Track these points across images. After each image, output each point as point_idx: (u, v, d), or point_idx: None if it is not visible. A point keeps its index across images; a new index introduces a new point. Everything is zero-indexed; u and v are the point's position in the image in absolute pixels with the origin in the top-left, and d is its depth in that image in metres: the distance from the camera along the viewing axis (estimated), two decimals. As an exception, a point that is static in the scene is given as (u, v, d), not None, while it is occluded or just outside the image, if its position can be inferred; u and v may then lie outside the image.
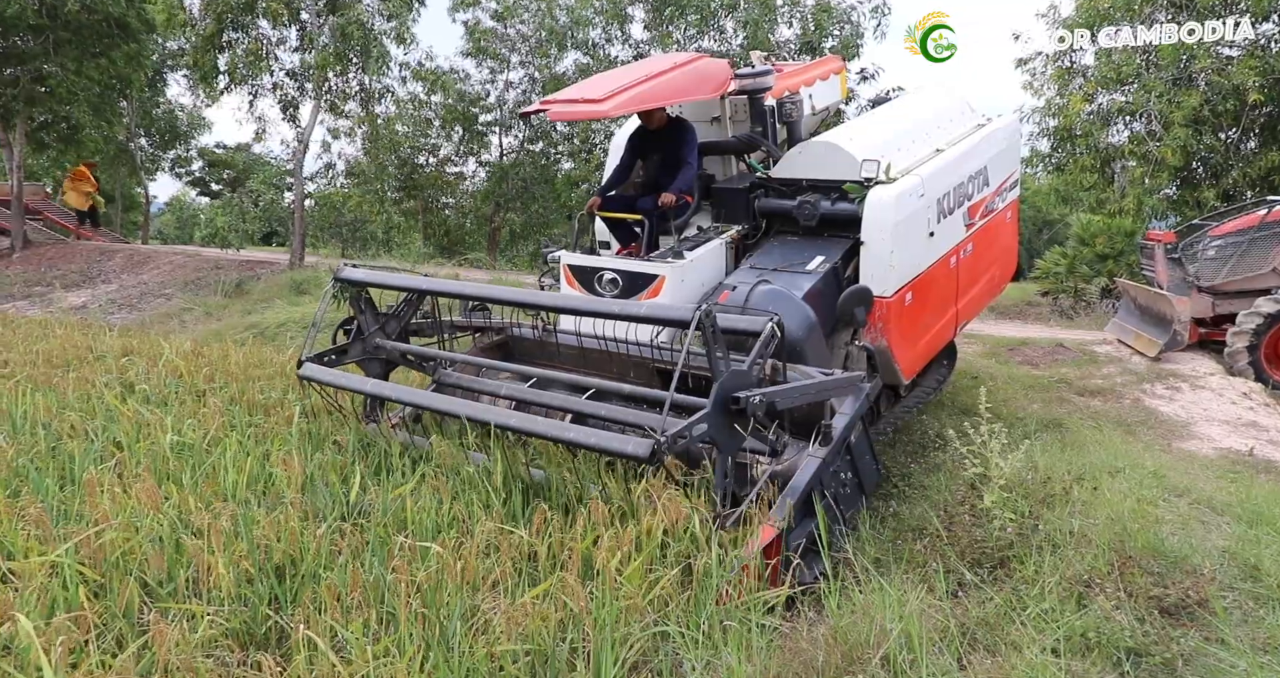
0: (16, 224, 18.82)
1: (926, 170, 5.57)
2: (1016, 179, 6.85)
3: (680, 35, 17.79)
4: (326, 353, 5.06)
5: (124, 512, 3.18)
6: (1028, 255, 33.07)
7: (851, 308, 4.93)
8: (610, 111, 4.88)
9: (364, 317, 5.10)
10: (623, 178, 6.08)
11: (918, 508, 4.97)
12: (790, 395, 3.97)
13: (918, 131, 6.05)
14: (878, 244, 5.22)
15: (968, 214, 6.01)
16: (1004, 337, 11.01)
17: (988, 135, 6.39)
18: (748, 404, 3.68)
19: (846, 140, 5.66)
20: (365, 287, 5.07)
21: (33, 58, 16.86)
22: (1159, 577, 3.84)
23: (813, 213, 5.52)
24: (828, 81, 6.92)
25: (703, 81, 5.58)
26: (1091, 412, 7.80)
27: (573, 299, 4.88)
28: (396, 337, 5.16)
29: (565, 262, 5.53)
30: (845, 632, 3.08)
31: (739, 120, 6.22)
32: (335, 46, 14.44)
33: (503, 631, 2.68)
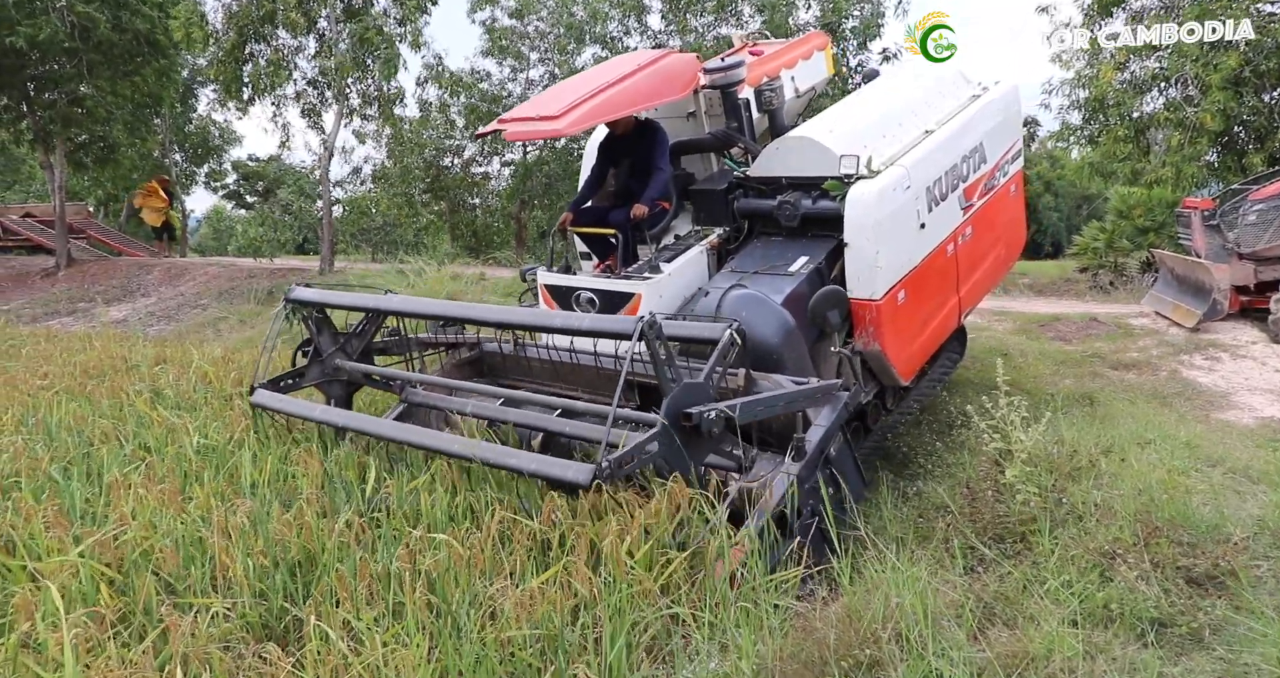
0: (61, 243, 19.37)
1: (912, 159, 5.25)
2: (1018, 150, 6.46)
3: (697, 23, 17.71)
4: (282, 378, 4.88)
5: (145, 512, 3.27)
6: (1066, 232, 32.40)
7: (823, 312, 4.70)
8: (566, 130, 4.65)
9: (321, 338, 4.92)
10: (595, 188, 5.85)
11: (942, 485, 4.92)
12: (752, 409, 3.72)
13: (905, 113, 5.70)
14: (862, 245, 4.93)
15: (964, 196, 5.66)
16: (1036, 313, 10.80)
17: (981, 109, 5.99)
18: (702, 420, 3.47)
19: (825, 133, 5.34)
20: (318, 307, 4.90)
21: (68, 80, 17.32)
22: (1188, 547, 3.75)
23: (793, 213, 5.25)
24: (810, 60, 6.56)
25: (668, 82, 5.29)
26: (1125, 385, 7.63)
27: (517, 313, 4.62)
28: (358, 356, 4.99)
29: (542, 281, 5.35)
30: (858, 610, 3.06)
31: (715, 115, 5.90)
32: (354, 52, 14.61)
33: (512, 617, 2.71)
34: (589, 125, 4.95)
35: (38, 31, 15.29)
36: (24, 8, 15.50)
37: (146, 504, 3.31)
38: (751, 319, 4.45)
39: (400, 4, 15.21)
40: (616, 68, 5.32)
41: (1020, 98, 6.38)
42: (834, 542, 3.67)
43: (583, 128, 4.87)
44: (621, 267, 5.29)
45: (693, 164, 6.05)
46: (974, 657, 2.89)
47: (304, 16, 14.54)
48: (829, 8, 16.08)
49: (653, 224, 5.48)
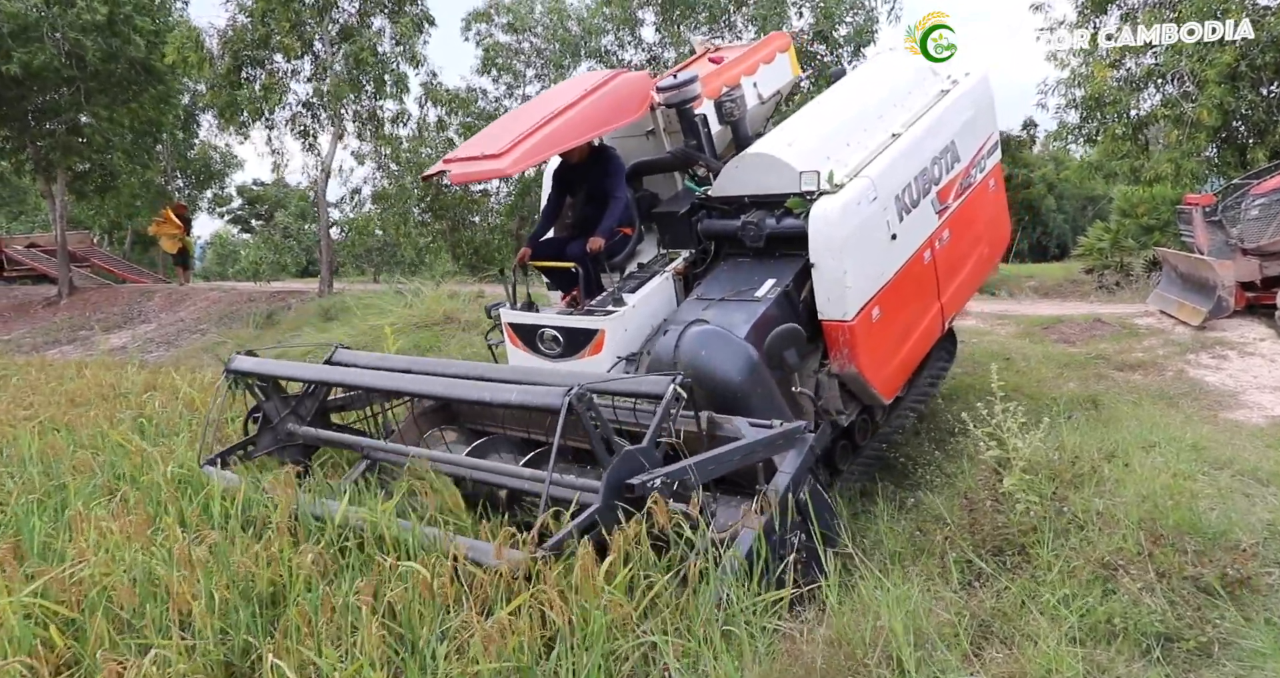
0: (62, 272, 19.44)
1: (877, 168, 4.97)
2: (995, 142, 6.07)
3: (691, 35, 17.70)
4: (231, 450, 4.65)
5: (108, 546, 3.17)
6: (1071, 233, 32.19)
7: (780, 352, 4.43)
8: (511, 169, 4.44)
9: (269, 404, 4.75)
10: (553, 219, 5.66)
11: (941, 496, 4.78)
12: (704, 469, 3.48)
13: (869, 116, 5.41)
14: (829, 264, 4.68)
15: (938, 199, 5.37)
16: (1039, 315, 10.64)
17: (950, 105, 5.67)
18: (645, 491, 3.24)
19: (784, 147, 5.08)
20: (257, 378, 4.72)
21: (66, 109, 17.42)
22: (1195, 555, 3.61)
23: (758, 234, 4.99)
24: (773, 63, 6.24)
25: (618, 107, 5.04)
26: (1131, 387, 7.47)
27: (448, 384, 4.26)
28: (312, 417, 4.79)
29: (505, 320, 5.14)
30: (846, 632, 2.93)
31: (674, 131, 5.62)
32: (349, 73, 14.63)
33: (480, 650, 2.59)
34: (534, 162, 4.73)
35: (32, 58, 15.37)
36: (19, 37, 15.60)
37: (109, 538, 3.21)
38: (713, 358, 4.22)
39: (396, 23, 15.25)
40: (564, 95, 5.09)
41: (991, 87, 6.04)
42: (822, 562, 3.51)
43: (528, 166, 4.67)
44: (585, 299, 5.06)
45: (656, 184, 5.79)
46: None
47: (299, 40, 14.58)
48: (821, 15, 16.04)
49: (615, 252, 5.26)
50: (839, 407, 4.89)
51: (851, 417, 5.04)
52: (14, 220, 33.50)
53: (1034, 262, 35.86)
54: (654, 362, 4.25)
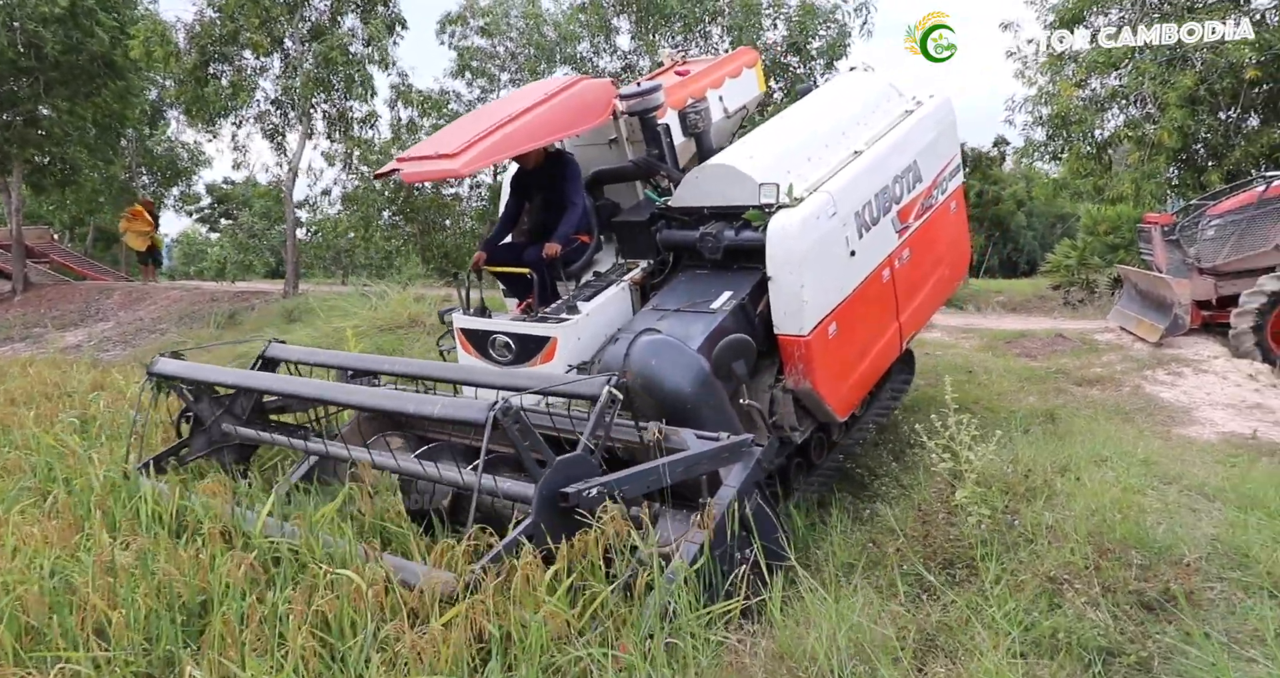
0: (17, 267, 18.98)
1: (837, 183, 4.94)
2: (957, 164, 6.12)
3: (667, 43, 17.73)
4: (163, 456, 4.47)
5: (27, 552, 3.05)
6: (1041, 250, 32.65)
7: (728, 364, 4.33)
8: (463, 170, 4.36)
9: (200, 405, 4.58)
10: (510, 225, 5.55)
11: (897, 508, 4.77)
12: (643, 480, 3.37)
13: (832, 133, 5.38)
14: (786, 278, 4.62)
15: (898, 219, 5.36)
16: (1003, 329, 10.76)
17: (914, 126, 5.69)
18: (581, 500, 3.12)
19: (745, 159, 5.04)
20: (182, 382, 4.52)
21: (25, 101, 17.03)
22: (1141, 569, 3.62)
23: (716, 245, 4.92)
24: (739, 78, 6.20)
25: (577, 113, 4.99)
26: (1089, 401, 7.55)
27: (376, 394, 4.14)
28: (249, 416, 4.61)
29: (457, 325, 5.03)
30: (790, 645, 2.89)
31: (637, 141, 5.55)
32: (318, 72, 14.45)
33: (412, 661, 2.51)
34: (488, 163, 4.70)
35: (-13, 48, 15.04)
36: (-28, 27, 15.25)
37: (29, 544, 3.09)
38: (663, 368, 4.12)
39: (367, 24, 15.10)
40: (524, 98, 5.05)
41: (954, 109, 6.10)
42: (764, 576, 3.43)
43: (481, 166, 4.60)
44: (540, 306, 4.96)
45: (618, 193, 5.72)
46: (908, 695, 2.72)
47: (268, 37, 14.39)
48: (795, 28, 16.13)
49: (572, 260, 5.19)
50: (793, 423, 4.82)
51: (805, 433, 4.96)
52: (-28, 215, 32.70)
53: (1004, 277, 36.43)
54: (603, 370, 4.15)
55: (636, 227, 5.32)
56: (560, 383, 3.74)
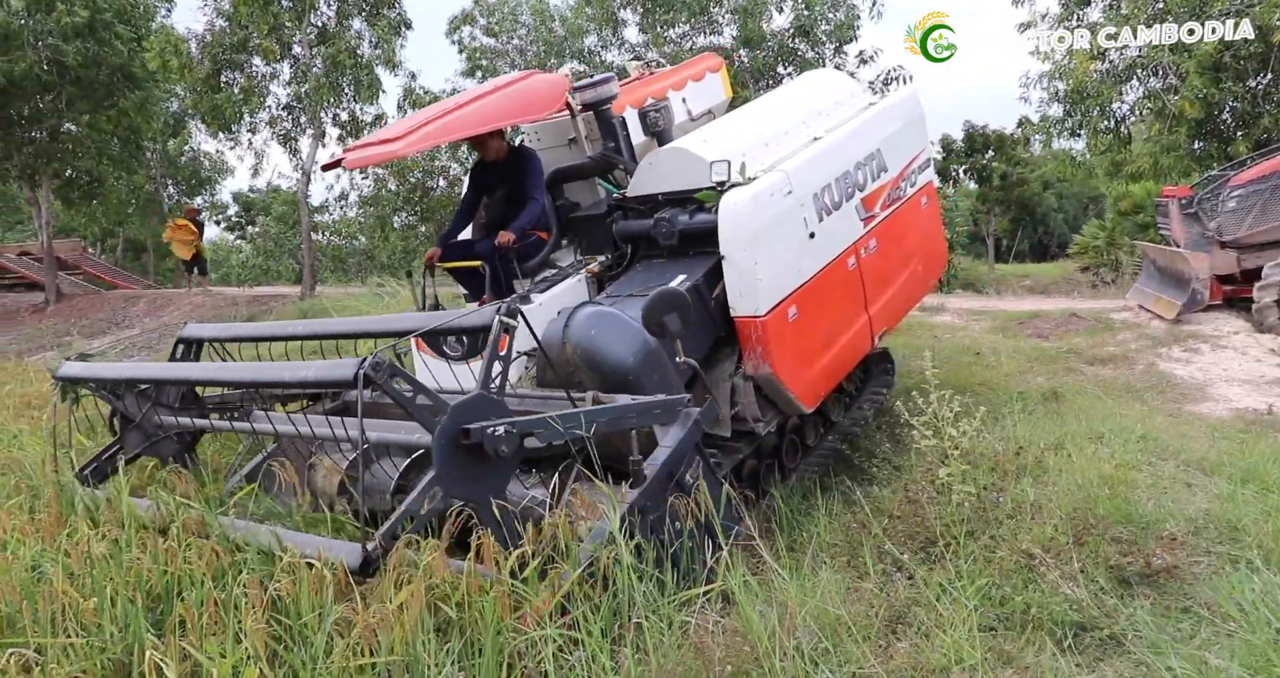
0: (50, 278, 19.46)
1: (793, 164, 4.83)
2: (927, 159, 5.99)
3: (674, 33, 17.69)
4: (94, 461, 4.34)
5: (10, 544, 3.13)
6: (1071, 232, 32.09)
7: (659, 318, 4.06)
8: (404, 150, 4.35)
9: (124, 401, 4.40)
10: (466, 220, 5.47)
11: (888, 488, 4.73)
12: (562, 423, 3.19)
13: (793, 122, 5.30)
14: (739, 256, 4.50)
15: (863, 206, 5.25)
16: (1016, 310, 10.60)
17: (876, 114, 5.61)
18: (485, 438, 2.95)
19: (698, 143, 4.96)
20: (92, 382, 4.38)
21: (49, 116, 17.44)
22: (1125, 544, 3.55)
23: (670, 230, 4.82)
24: (702, 81, 6.12)
25: (525, 103, 4.92)
26: (1099, 380, 7.41)
27: (233, 369, 4.01)
28: (180, 404, 4.39)
29: None
30: (752, 623, 2.87)
31: (596, 139, 5.50)
32: (328, 76, 14.62)
33: (362, 639, 2.54)
34: (429, 145, 4.67)
35: (13, 66, 15.40)
36: (1, 45, 15.63)
37: (14, 537, 3.17)
38: (603, 338, 4.02)
39: (374, 26, 15.25)
40: (475, 91, 5.06)
41: (921, 103, 5.97)
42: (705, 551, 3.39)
43: (422, 148, 4.63)
44: (493, 299, 4.85)
45: (578, 193, 5.66)
46: (867, 672, 2.69)
47: (277, 42, 14.59)
48: (803, 11, 16.00)
49: (529, 255, 5.12)
50: (756, 414, 4.67)
51: (770, 426, 4.80)
52: (9, 230, 33.55)
53: (1034, 261, 35.84)
54: (545, 344, 4.04)
55: (594, 221, 5.26)
56: (449, 320, 3.56)
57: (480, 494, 3.07)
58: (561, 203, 5.49)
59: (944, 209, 15.92)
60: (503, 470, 3.15)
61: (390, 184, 18.83)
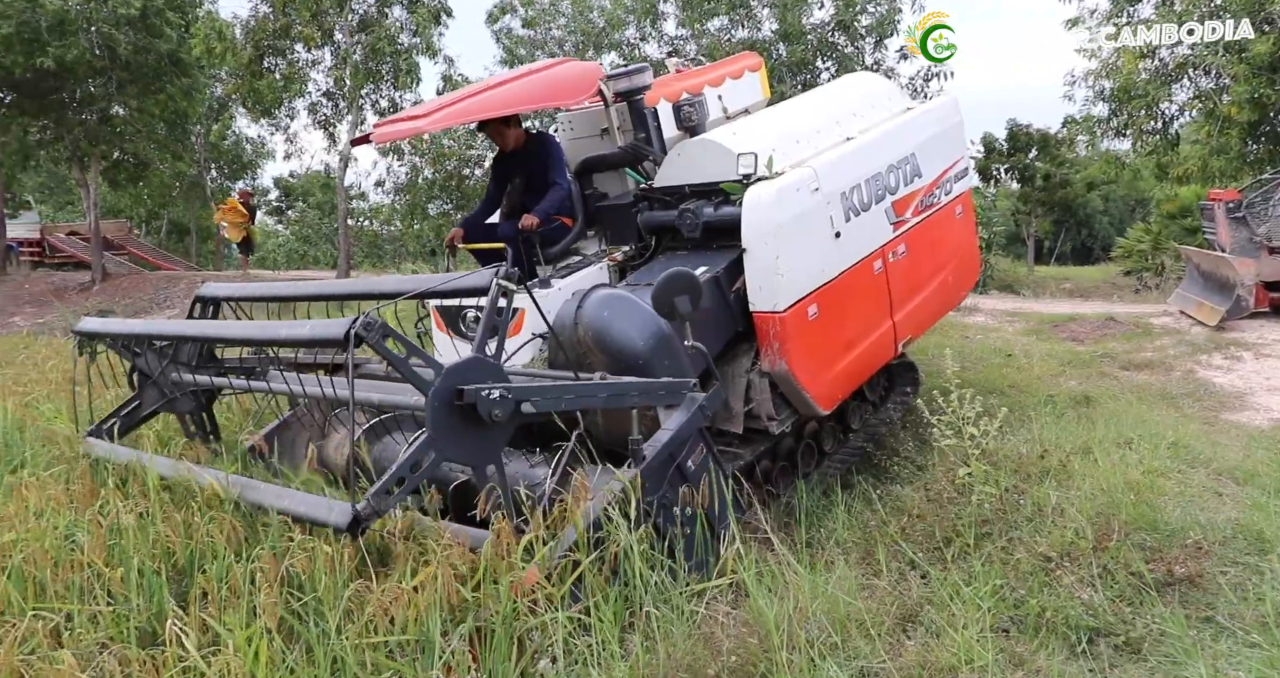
0: (96, 258, 19.90)
1: (823, 160, 4.79)
2: (964, 168, 5.87)
3: (713, 26, 17.62)
4: (113, 414, 4.39)
5: (46, 513, 3.23)
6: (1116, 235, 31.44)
7: (670, 298, 3.93)
8: (429, 126, 4.37)
9: (142, 358, 4.43)
10: (491, 207, 5.48)
11: (909, 487, 4.70)
12: (557, 396, 3.16)
13: (826, 121, 5.24)
14: (761, 250, 4.45)
15: (894, 210, 5.17)
16: (1052, 313, 10.43)
17: (913, 118, 5.52)
18: (479, 400, 2.90)
19: (727, 135, 4.93)
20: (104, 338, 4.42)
21: (98, 100, 17.83)
22: (1150, 551, 3.50)
23: (694, 222, 4.77)
24: (740, 80, 6.01)
25: (555, 88, 4.90)
26: (1134, 386, 7.27)
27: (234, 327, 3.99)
28: (197, 362, 4.41)
29: (432, 303, 4.92)
30: (764, 615, 2.88)
31: (628, 130, 5.45)
32: (367, 63, 14.79)
33: (379, 619, 2.59)
34: (455, 123, 4.66)
35: (66, 52, 15.76)
36: (55, 31, 16.00)
37: (49, 506, 3.28)
38: (615, 321, 3.96)
39: (413, 14, 15.38)
40: (507, 75, 5.08)
41: (961, 111, 5.86)
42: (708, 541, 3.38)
43: (447, 125, 4.61)
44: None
45: (607, 183, 5.60)
46: (875, 668, 2.69)
47: (319, 29, 14.78)
48: (843, 4, 15.84)
49: (552, 241, 5.10)
50: (770, 412, 4.61)
51: (784, 426, 4.73)
52: (60, 210, 34.40)
53: (1076, 264, 35.15)
54: (557, 326, 4.02)
55: (620, 211, 5.23)
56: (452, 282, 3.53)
57: (474, 457, 3.06)
58: (589, 192, 5.49)
59: (981, 209, 15.74)
60: (497, 436, 3.11)
61: (426, 172, 19.02)
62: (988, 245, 14.93)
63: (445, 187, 19.23)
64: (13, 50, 15.59)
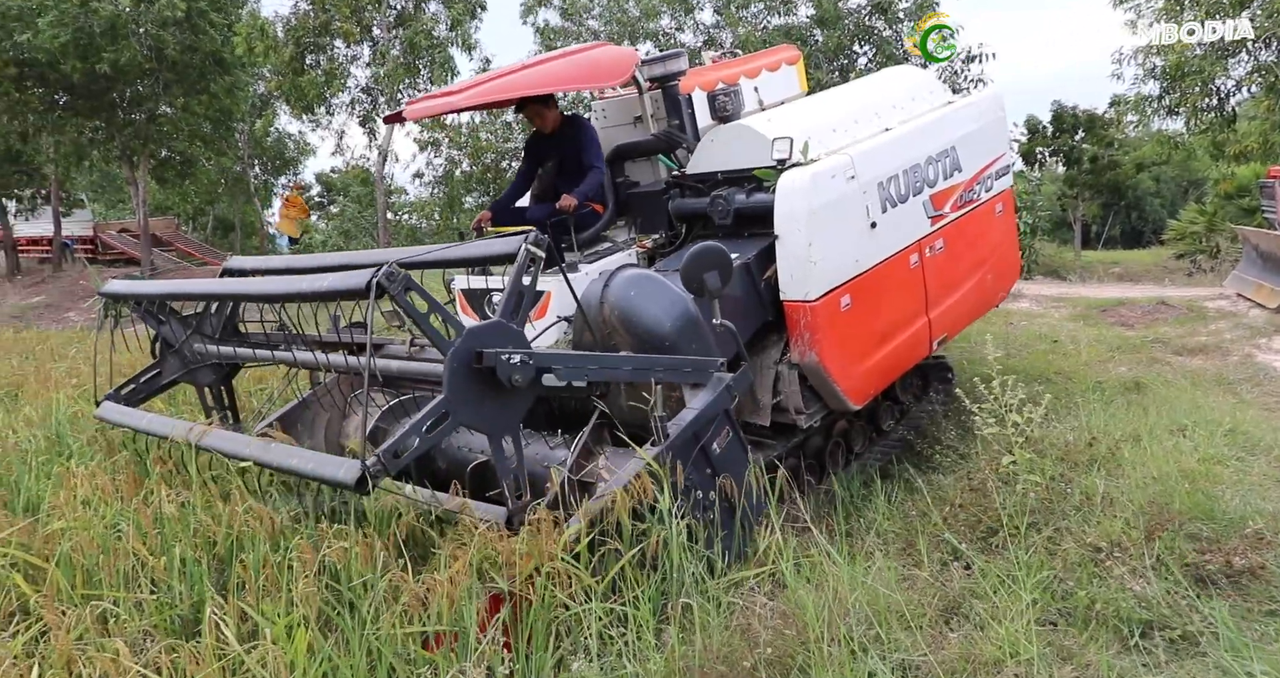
0: (144, 254, 20.44)
1: (860, 149, 4.67)
2: (1005, 165, 5.71)
3: (748, 13, 17.42)
4: (131, 381, 4.41)
5: (92, 502, 3.29)
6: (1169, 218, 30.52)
7: (699, 273, 3.79)
8: (462, 103, 4.36)
9: (166, 327, 4.41)
10: (522, 188, 5.45)
11: (951, 476, 4.60)
12: (580, 366, 3.07)
13: (865, 112, 5.13)
14: (793, 236, 4.34)
15: (932, 203, 5.04)
16: (1100, 298, 10.17)
17: (954, 111, 5.38)
18: (498, 364, 2.83)
19: (762, 121, 4.84)
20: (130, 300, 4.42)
21: (147, 100, 18.26)
22: (1206, 542, 3.37)
23: (726, 209, 4.68)
24: (778, 72, 5.88)
25: (591, 71, 4.83)
26: (1187, 371, 7.05)
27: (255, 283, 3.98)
28: (220, 333, 4.41)
29: (457, 286, 4.90)
30: (805, 607, 2.82)
31: (661, 118, 5.38)
32: (405, 58, 14.91)
33: (410, 609, 2.59)
34: (488, 100, 4.60)
35: (119, 56, 16.14)
36: (109, 35, 16.40)
37: (96, 495, 3.34)
38: (642, 301, 3.85)
39: (449, 8, 15.46)
40: (543, 56, 5.05)
41: (1004, 106, 5.70)
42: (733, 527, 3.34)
43: (481, 102, 4.57)
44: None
45: (639, 172, 5.55)
46: (916, 661, 2.62)
47: (358, 25, 14.93)
48: (881, -12, 15.56)
49: (583, 227, 5.02)
50: (799, 405, 4.51)
51: (812, 420, 4.63)
52: (112, 208, 35.31)
53: (1126, 248, 34.16)
54: (583, 305, 3.94)
55: (652, 198, 5.17)
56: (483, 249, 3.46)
57: (491, 424, 2.98)
58: (621, 180, 5.44)
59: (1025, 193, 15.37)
60: (515, 405, 3.02)
61: (464, 164, 19.12)
62: (1032, 231, 14.58)
63: (482, 179, 19.32)
64: (70, 56, 16.02)
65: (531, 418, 3.84)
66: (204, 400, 4.65)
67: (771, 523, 3.39)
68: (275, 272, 4.56)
